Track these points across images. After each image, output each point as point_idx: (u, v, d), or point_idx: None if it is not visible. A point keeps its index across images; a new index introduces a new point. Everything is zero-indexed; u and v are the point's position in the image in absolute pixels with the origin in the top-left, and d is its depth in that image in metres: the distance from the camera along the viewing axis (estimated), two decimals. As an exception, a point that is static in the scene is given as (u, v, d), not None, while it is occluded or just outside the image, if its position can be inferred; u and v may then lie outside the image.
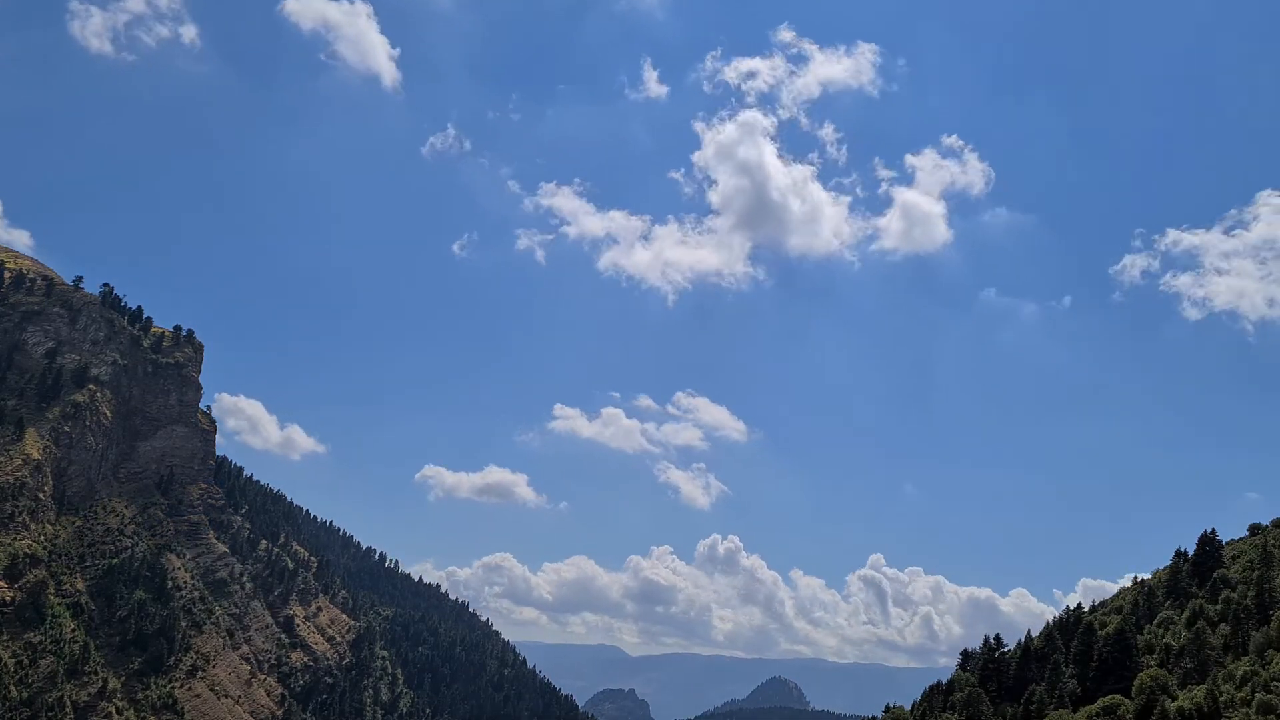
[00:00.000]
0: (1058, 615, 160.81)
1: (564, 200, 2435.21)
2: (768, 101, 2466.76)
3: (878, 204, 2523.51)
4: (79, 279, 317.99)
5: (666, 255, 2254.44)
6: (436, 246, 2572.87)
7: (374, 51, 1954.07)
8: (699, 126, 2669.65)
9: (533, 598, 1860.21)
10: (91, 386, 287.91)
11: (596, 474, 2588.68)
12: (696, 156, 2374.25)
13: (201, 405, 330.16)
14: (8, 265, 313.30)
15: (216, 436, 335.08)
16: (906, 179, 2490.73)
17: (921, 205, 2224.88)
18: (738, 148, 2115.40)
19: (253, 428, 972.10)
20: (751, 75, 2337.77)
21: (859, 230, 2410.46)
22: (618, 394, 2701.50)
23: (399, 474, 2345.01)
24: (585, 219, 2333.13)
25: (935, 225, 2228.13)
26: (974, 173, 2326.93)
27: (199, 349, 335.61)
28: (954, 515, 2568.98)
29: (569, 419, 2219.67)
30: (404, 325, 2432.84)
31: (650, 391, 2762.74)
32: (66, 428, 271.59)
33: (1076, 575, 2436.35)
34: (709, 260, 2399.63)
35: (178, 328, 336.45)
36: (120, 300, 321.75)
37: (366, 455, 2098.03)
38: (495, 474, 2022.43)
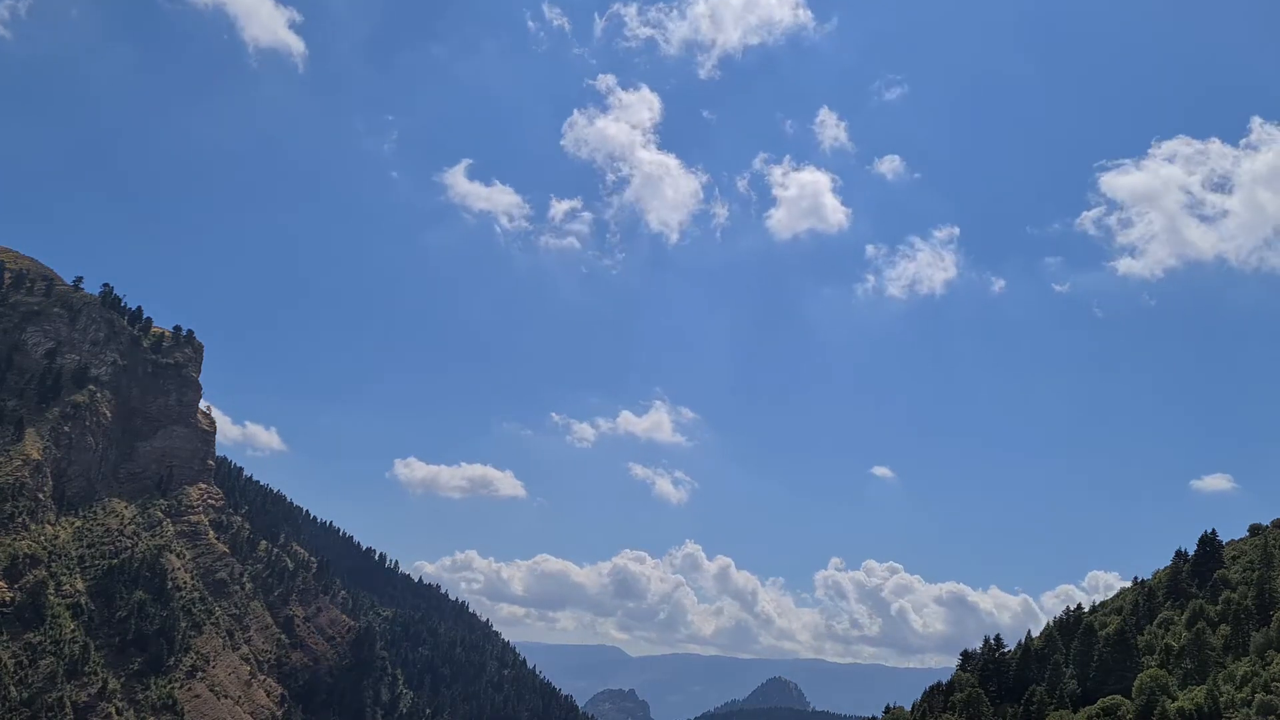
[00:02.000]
0: (1057, 616, 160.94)
1: (456, 180, 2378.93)
2: (656, 73, 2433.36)
3: (770, 187, 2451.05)
4: (79, 279, 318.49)
5: (563, 244, 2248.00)
6: (359, 237, 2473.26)
7: (274, 22, 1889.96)
8: (572, 112, 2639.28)
9: (509, 594, 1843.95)
10: (91, 387, 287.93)
11: (565, 471, 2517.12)
12: (589, 135, 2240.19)
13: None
14: (8, 265, 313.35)
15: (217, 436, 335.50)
16: (805, 153, 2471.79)
17: (814, 180, 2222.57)
18: (616, 130, 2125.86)
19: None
20: (649, 44, 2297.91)
21: (752, 214, 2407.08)
22: (574, 390, 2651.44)
23: (368, 470, 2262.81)
24: (479, 198, 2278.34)
25: (828, 198, 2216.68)
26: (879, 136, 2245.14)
27: (199, 349, 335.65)
28: (918, 510, 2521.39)
29: (529, 417, 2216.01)
30: (350, 316, 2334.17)
31: (601, 388, 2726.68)
32: (66, 428, 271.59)
33: (1045, 568, 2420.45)
34: (613, 254, 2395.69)
35: (177, 328, 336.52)
36: (120, 300, 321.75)
37: (331, 451, 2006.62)
38: (469, 470, 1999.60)
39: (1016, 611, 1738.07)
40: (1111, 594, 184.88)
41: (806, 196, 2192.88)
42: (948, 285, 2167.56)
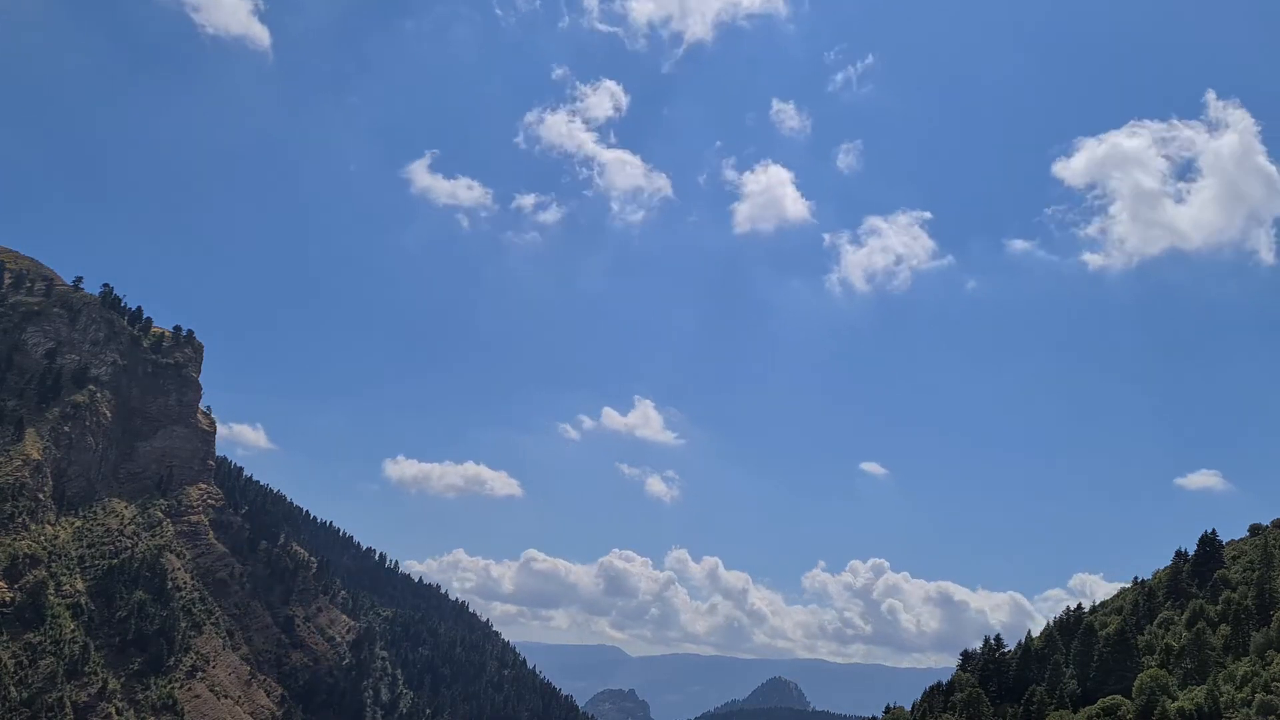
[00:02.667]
0: (1057, 616, 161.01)
1: (419, 174, 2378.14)
2: (620, 64, 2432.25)
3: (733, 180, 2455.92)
4: (79, 279, 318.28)
5: (528, 239, 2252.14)
6: (333, 234, 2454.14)
7: (238, 11, 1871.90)
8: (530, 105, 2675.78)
9: (501, 593, 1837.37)
10: (91, 387, 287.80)
11: (554, 469, 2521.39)
12: (552, 128, 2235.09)
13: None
14: (8, 265, 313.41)
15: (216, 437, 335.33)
16: (770, 144, 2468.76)
17: (777, 173, 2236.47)
18: (579, 123, 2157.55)
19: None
20: (613, 34, 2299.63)
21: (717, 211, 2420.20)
22: (554, 388, 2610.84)
23: (358, 468, 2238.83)
24: (443, 193, 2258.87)
25: (790, 189, 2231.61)
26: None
27: (199, 349, 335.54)
28: (914, 508, 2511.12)
29: (514, 416, 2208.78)
30: (332, 314, 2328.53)
31: (583, 385, 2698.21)
32: (66, 428, 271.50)
33: (1031, 565, 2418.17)
34: (580, 249, 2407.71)
35: (177, 328, 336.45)
36: (120, 300, 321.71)
37: (319, 450, 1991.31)
38: (461, 469, 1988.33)
39: (1007, 610, 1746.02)
40: (1099, 596, 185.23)
41: (768, 189, 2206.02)
42: (921, 276, 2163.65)
